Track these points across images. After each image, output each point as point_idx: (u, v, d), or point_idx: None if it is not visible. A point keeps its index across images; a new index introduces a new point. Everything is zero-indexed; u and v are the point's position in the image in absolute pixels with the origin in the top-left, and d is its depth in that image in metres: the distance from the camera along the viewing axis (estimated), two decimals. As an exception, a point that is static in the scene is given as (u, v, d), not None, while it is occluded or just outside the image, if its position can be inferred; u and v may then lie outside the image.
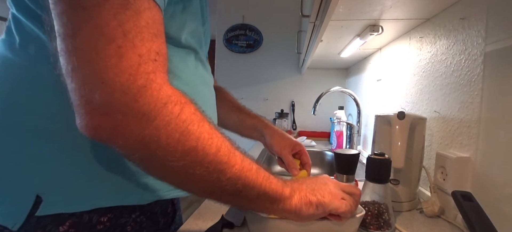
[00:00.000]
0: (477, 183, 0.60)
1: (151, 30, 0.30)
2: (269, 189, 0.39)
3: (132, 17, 0.28)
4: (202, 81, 0.52)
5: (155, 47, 0.30)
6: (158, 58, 0.30)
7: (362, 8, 0.82)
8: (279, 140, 0.71)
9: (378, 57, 1.38)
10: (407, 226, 0.62)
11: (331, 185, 0.47)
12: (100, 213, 0.41)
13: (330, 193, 0.44)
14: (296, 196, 0.42)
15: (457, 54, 0.70)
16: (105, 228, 0.42)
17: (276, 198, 0.40)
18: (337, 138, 1.60)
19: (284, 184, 0.42)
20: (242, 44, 2.30)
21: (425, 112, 0.86)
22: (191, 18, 0.46)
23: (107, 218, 0.42)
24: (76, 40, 0.27)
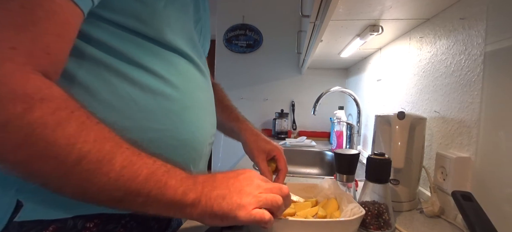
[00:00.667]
0: (477, 183, 0.60)
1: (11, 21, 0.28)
2: (161, 197, 0.35)
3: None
4: (195, 86, 0.49)
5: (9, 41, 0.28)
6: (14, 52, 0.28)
7: (362, 8, 0.82)
8: (254, 146, 0.67)
9: (378, 57, 1.38)
10: (407, 226, 0.62)
11: (254, 187, 0.41)
12: (85, 219, 0.40)
13: (241, 204, 0.38)
14: (201, 205, 0.37)
15: (457, 54, 0.70)
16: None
17: (172, 206, 0.36)
18: (337, 138, 1.60)
19: (189, 189, 0.37)
20: (242, 44, 2.30)
21: (425, 112, 0.86)
22: (176, 16, 0.44)
23: (94, 224, 0.40)
24: None
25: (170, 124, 0.44)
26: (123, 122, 0.40)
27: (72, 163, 0.30)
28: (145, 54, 0.41)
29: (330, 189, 0.65)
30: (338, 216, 0.55)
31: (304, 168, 1.61)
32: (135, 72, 0.41)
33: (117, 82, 0.39)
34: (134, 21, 0.40)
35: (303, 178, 1.04)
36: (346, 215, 0.52)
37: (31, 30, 0.29)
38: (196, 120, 0.48)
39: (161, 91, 0.43)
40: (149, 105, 0.42)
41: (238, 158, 1.33)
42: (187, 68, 0.48)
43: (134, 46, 0.41)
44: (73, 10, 0.32)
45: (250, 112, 2.33)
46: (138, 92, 0.41)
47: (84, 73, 0.38)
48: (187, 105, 0.46)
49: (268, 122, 2.29)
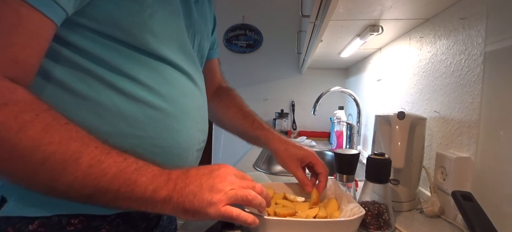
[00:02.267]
0: (477, 183, 0.60)
1: None
2: (130, 194, 0.36)
3: None
4: (181, 93, 0.49)
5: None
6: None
7: (362, 8, 0.82)
8: (285, 155, 0.64)
9: (378, 57, 1.38)
10: (407, 226, 0.62)
11: (227, 184, 0.41)
12: (69, 216, 0.41)
13: (211, 202, 0.39)
14: (173, 202, 0.38)
15: (457, 54, 0.70)
16: (76, 229, 0.41)
17: (143, 202, 0.37)
18: (337, 138, 1.60)
19: (160, 187, 0.38)
20: (242, 44, 2.30)
21: (425, 112, 0.86)
22: (163, 24, 0.45)
23: (79, 220, 0.41)
24: None
25: (152, 131, 0.44)
26: (104, 127, 0.41)
27: (38, 163, 0.31)
28: (128, 62, 0.42)
29: (330, 189, 0.65)
30: (338, 216, 0.55)
31: (304, 168, 1.61)
32: (118, 79, 0.42)
33: (100, 89, 0.41)
34: (116, 30, 0.40)
35: (303, 178, 1.04)
36: (346, 215, 0.52)
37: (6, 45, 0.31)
38: (181, 128, 0.48)
39: (144, 99, 0.44)
40: (132, 112, 0.42)
41: (238, 158, 1.33)
42: (174, 76, 0.48)
43: (117, 54, 0.41)
44: (43, 22, 0.33)
45: (250, 112, 2.33)
46: (120, 99, 0.42)
47: (74, 80, 0.39)
48: (171, 113, 0.46)
49: (268, 122, 2.27)
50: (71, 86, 0.39)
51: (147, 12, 0.42)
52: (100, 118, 0.41)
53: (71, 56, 0.39)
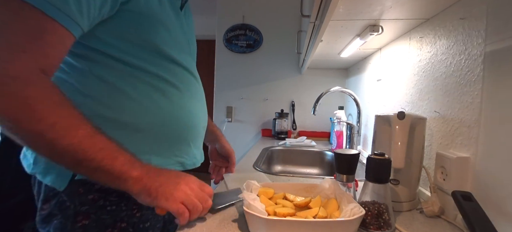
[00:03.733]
0: (477, 183, 0.60)
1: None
2: (110, 167, 0.46)
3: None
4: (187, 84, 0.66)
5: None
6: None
7: (362, 8, 0.83)
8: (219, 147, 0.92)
9: (378, 57, 1.38)
10: (407, 226, 0.62)
11: (188, 189, 0.53)
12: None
13: (172, 195, 0.50)
14: (142, 182, 0.48)
15: (457, 54, 0.70)
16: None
17: (117, 177, 0.47)
18: (337, 138, 1.60)
19: (134, 168, 0.48)
20: (242, 44, 2.30)
21: (425, 112, 0.86)
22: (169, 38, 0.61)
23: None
24: None
25: (172, 111, 0.61)
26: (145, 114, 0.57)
27: (50, 124, 0.43)
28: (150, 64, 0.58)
29: (330, 189, 0.65)
30: (338, 216, 0.55)
31: (304, 168, 1.61)
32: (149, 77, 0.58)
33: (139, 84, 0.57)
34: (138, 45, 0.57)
35: (303, 178, 1.04)
36: (346, 215, 0.52)
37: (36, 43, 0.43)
38: (191, 107, 0.65)
39: (165, 90, 0.60)
40: (158, 100, 0.59)
41: (238, 158, 1.33)
42: (181, 72, 0.64)
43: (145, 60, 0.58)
44: (65, 33, 0.46)
45: (250, 112, 2.33)
46: (152, 91, 0.58)
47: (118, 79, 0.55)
48: (183, 97, 0.63)
49: (268, 122, 2.29)
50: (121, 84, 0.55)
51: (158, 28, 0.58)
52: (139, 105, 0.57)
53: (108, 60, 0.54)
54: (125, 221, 0.56)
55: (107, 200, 0.55)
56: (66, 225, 0.53)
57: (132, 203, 0.57)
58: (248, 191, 0.63)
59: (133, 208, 0.58)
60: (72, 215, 0.53)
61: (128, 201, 0.57)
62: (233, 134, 2.32)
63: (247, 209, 0.53)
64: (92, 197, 0.54)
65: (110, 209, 0.55)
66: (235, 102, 2.34)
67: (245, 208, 0.53)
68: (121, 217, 0.56)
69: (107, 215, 0.55)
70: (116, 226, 0.55)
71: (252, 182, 0.67)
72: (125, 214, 0.57)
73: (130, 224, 0.57)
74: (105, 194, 0.55)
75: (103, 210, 0.55)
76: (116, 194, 0.56)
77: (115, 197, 0.55)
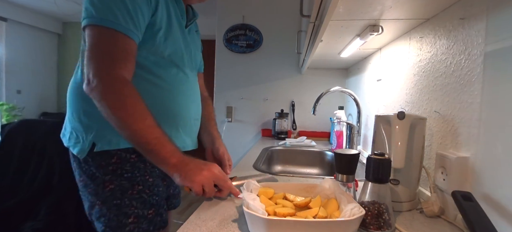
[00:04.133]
0: (477, 183, 0.60)
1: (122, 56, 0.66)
2: (158, 153, 0.65)
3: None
4: (176, 79, 0.79)
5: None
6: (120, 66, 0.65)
7: (362, 8, 0.82)
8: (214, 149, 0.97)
9: (378, 57, 1.38)
10: (407, 226, 0.62)
11: (202, 175, 0.67)
12: (131, 152, 0.72)
13: (195, 179, 0.66)
14: (176, 168, 0.66)
15: (457, 54, 0.70)
16: (134, 160, 0.73)
17: (161, 161, 0.66)
18: (337, 138, 1.60)
19: (175, 157, 0.66)
20: (242, 44, 2.30)
21: (425, 112, 0.86)
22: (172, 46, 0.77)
23: (136, 155, 0.73)
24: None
25: (162, 101, 0.76)
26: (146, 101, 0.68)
27: (129, 114, 0.63)
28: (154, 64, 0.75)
29: (330, 189, 0.65)
30: (338, 216, 0.55)
31: (304, 168, 1.61)
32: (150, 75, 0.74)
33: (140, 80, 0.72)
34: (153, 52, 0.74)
35: (303, 178, 1.04)
36: (346, 215, 0.52)
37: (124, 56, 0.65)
38: (179, 100, 0.80)
39: (157, 83, 0.75)
40: (154, 92, 0.74)
41: (238, 158, 1.33)
42: (176, 73, 0.79)
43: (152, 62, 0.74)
44: (134, 47, 0.67)
45: (250, 112, 2.33)
46: (149, 85, 0.74)
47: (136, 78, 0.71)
48: (170, 90, 0.78)
49: (268, 122, 2.29)
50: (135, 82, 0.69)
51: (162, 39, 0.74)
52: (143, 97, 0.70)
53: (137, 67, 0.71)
54: (140, 184, 0.72)
55: (123, 169, 0.71)
56: (98, 191, 0.70)
57: (144, 171, 0.73)
58: (248, 191, 0.63)
59: (145, 174, 0.73)
60: (101, 183, 0.70)
61: (140, 170, 0.73)
62: (233, 134, 2.33)
63: (247, 209, 0.53)
64: (111, 168, 0.71)
65: (127, 176, 0.71)
66: (235, 102, 2.34)
67: (245, 208, 0.53)
68: (137, 181, 0.72)
69: (125, 180, 0.71)
70: (134, 188, 0.71)
71: (252, 182, 0.67)
72: (140, 179, 0.73)
73: (145, 186, 0.73)
74: (120, 164, 0.71)
75: (122, 177, 0.71)
76: (129, 164, 0.72)
77: (128, 167, 0.72)
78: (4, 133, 1.32)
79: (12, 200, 1.20)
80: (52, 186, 1.24)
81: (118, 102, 0.62)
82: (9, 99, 4.29)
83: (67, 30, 5.07)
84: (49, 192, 1.23)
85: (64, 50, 5.09)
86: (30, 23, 4.51)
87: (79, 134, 0.71)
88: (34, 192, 1.21)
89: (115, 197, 0.70)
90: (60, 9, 4.37)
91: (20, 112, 4.25)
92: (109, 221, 0.69)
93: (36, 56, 4.73)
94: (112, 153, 0.70)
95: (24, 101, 4.47)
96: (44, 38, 4.85)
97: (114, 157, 0.71)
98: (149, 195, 0.73)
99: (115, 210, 0.69)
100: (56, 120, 1.43)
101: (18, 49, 4.42)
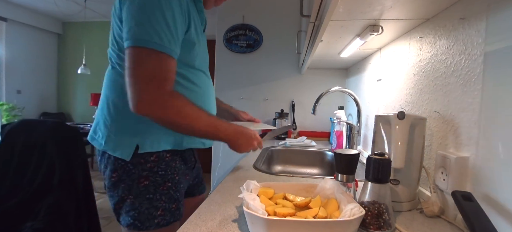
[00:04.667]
0: (477, 183, 0.60)
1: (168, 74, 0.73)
2: (215, 136, 0.82)
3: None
4: (207, 86, 0.91)
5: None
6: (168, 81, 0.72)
7: (362, 8, 0.83)
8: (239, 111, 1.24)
9: (378, 57, 1.38)
10: (407, 226, 0.62)
11: (248, 137, 0.90)
12: (166, 152, 0.80)
13: (241, 146, 0.89)
14: (226, 139, 0.84)
15: (457, 54, 0.70)
16: (168, 159, 0.81)
17: (217, 140, 0.84)
18: (337, 138, 1.60)
19: (225, 133, 0.83)
20: (242, 44, 2.30)
21: (425, 112, 0.86)
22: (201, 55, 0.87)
23: (170, 154, 0.81)
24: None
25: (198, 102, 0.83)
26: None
27: (192, 118, 0.74)
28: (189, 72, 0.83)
29: (330, 189, 0.65)
30: (338, 216, 0.55)
31: (304, 168, 1.61)
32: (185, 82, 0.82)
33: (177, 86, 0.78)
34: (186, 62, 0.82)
35: (303, 178, 1.04)
36: (346, 215, 0.52)
37: (169, 74, 0.72)
38: (208, 100, 0.90)
39: (194, 89, 0.84)
40: (191, 98, 0.79)
41: (238, 158, 1.33)
42: (203, 76, 0.89)
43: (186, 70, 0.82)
44: (174, 64, 0.74)
45: (250, 112, 2.32)
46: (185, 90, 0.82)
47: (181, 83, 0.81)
48: (203, 93, 0.88)
49: (268, 122, 2.29)
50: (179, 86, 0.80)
51: (195, 51, 0.82)
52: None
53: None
54: (170, 181, 0.81)
55: (159, 167, 0.79)
56: (132, 186, 0.77)
57: (174, 169, 0.82)
58: (248, 191, 0.63)
59: (174, 173, 0.82)
60: (136, 179, 0.77)
61: (171, 168, 0.81)
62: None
63: (247, 209, 0.53)
64: (149, 166, 0.78)
65: (161, 173, 0.79)
66: (235, 102, 2.34)
67: (245, 208, 0.53)
68: (168, 178, 0.80)
69: (159, 177, 0.79)
70: (165, 185, 0.80)
71: (252, 182, 0.67)
72: (170, 177, 0.81)
73: (173, 183, 0.81)
74: (157, 163, 0.79)
75: (157, 174, 0.79)
76: (164, 163, 0.80)
77: (163, 165, 0.80)
78: (4, 133, 1.32)
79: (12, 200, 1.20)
80: (52, 186, 1.24)
81: (177, 116, 0.71)
82: (9, 99, 4.29)
83: (67, 30, 5.07)
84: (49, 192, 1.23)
85: (64, 50, 5.10)
86: (30, 23, 4.52)
87: (121, 138, 0.78)
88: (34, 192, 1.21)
89: (148, 191, 0.77)
90: (60, 9, 4.37)
91: (20, 112, 4.26)
92: (139, 214, 0.77)
93: (36, 56, 4.73)
94: (152, 153, 0.78)
95: (24, 101, 4.48)
96: (44, 38, 4.85)
97: (153, 155, 0.78)
98: (175, 191, 0.82)
99: (147, 203, 0.77)
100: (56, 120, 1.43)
101: (18, 49, 4.43)
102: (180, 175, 0.84)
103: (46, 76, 4.94)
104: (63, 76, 5.12)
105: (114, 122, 0.79)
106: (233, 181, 0.94)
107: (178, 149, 0.83)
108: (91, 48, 4.82)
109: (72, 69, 4.93)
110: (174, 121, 0.71)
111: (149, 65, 0.67)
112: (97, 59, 4.80)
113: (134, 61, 0.67)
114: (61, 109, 5.14)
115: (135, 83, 0.67)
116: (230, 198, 0.76)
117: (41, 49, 4.82)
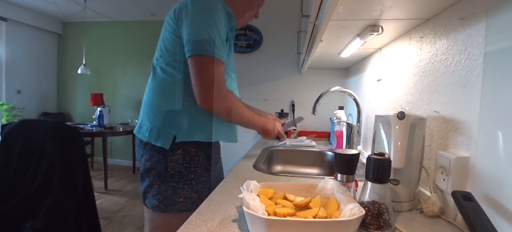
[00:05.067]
0: (477, 183, 0.60)
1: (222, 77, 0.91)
2: (252, 122, 1.04)
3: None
4: (235, 87, 1.07)
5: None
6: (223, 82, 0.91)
7: (362, 8, 0.82)
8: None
9: (378, 57, 1.38)
10: (407, 226, 0.62)
11: (270, 128, 1.12)
12: (192, 146, 0.93)
13: (269, 133, 1.12)
14: (259, 128, 1.09)
15: (457, 54, 0.70)
16: (193, 153, 0.93)
17: (253, 126, 1.05)
18: (337, 138, 1.60)
19: (258, 124, 1.07)
20: (242, 44, 2.30)
21: (425, 112, 0.86)
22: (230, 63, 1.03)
23: (195, 149, 0.94)
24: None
25: None
26: None
27: (240, 109, 0.98)
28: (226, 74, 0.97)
29: (330, 189, 0.65)
30: (338, 216, 0.55)
31: (304, 168, 1.61)
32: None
33: None
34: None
35: (303, 178, 1.04)
36: (346, 215, 0.52)
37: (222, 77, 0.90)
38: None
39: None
40: None
41: (239, 158, 1.33)
42: (233, 78, 1.05)
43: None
44: (224, 66, 0.91)
45: (250, 112, 2.33)
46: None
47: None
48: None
49: (268, 122, 2.29)
50: None
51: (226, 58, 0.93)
52: None
53: None
54: (192, 173, 0.93)
55: (184, 160, 0.92)
56: (161, 173, 0.91)
57: (196, 163, 0.94)
58: (248, 191, 0.63)
59: (196, 166, 0.93)
60: (164, 168, 0.91)
61: (195, 162, 0.93)
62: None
63: (247, 209, 0.53)
64: (176, 158, 0.91)
65: (185, 165, 0.92)
66: (235, 102, 2.34)
67: (245, 208, 0.53)
68: (191, 171, 0.92)
69: (183, 168, 0.92)
70: (188, 176, 0.92)
71: (252, 182, 0.67)
72: (193, 169, 0.93)
73: (195, 176, 0.93)
74: (183, 155, 0.91)
75: (182, 165, 0.91)
76: (189, 156, 0.92)
77: (188, 159, 0.92)
78: (4, 133, 1.32)
79: (12, 200, 1.20)
80: (52, 186, 1.24)
81: (232, 108, 0.92)
82: (9, 99, 4.29)
83: (67, 30, 5.07)
84: (49, 192, 1.23)
85: (64, 50, 5.10)
86: (30, 23, 4.52)
87: (162, 130, 0.91)
88: (34, 192, 1.21)
89: (173, 180, 0.91)
90: (60, 9, 4.37)
91: (20, 112, 4.25)
92: (164, 198, 0.91)
93: (36, 56, 4.73)
94: (179, 146, 0.91)
95: (24, 101, 4.47)
96: (44, 38, 4.85)
97: (180, 149, 0.91)
98: (196, 183, 0.94)
99: (171, 190, 0.91)
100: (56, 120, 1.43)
101: (18, 49, 4.43)
102: (202, 169, 0.95)
103: (46, 76, 4.94)
104: (63, 76, 5.12)
105: (157, 119, 0.93)
106: (233, 181, 0.94)
107: (203, 146, 0.95)
108: (91, 48, 4.82)
109: (72, 69, 4.93)
110: (230, 112, 0.92)
111: (211, 70, 0.86)
112: (97, 59, 4.80)
113: (199, 66, 0.85)
114: (61, 109, 5.14)
115: (202, 85, 0.85)
116: (230, 198, 0.76)
117: (41, 49, 4.82)
